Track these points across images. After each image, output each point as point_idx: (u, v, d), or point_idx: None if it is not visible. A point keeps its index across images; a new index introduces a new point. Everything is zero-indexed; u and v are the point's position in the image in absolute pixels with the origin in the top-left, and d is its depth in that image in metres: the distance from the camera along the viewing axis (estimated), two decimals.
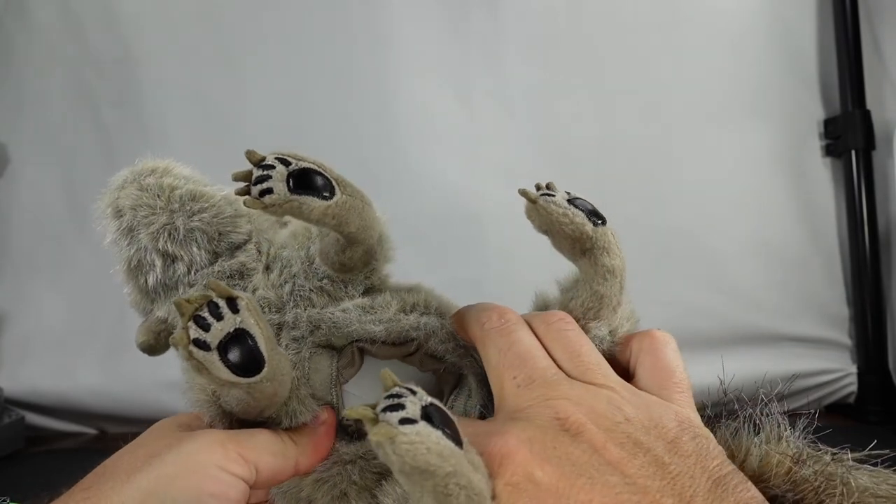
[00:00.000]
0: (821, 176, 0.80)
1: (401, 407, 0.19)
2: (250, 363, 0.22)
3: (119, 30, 0.77)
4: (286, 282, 0.30)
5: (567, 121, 0.79)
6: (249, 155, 0.25)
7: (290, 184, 0.24)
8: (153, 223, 0.30)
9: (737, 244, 0.78)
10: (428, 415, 0.19)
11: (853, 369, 0.78)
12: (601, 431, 0.22)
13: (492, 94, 0.79)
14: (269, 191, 0.24)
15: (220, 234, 0.31)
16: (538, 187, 0.29)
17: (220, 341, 0.22)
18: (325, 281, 0.30)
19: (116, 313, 0.76)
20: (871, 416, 0.76)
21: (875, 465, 0.23)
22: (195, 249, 0.30)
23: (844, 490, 0.21)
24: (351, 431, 0.29)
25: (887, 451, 0.24)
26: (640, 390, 0.25)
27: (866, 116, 0.76)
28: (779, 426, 0.25)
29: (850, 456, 0.24)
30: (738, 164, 0.79)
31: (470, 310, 0.29)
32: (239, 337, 0.22)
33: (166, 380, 0.73)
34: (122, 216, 0.31)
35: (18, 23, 0.78)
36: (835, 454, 0.24)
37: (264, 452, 0.25)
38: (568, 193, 0.29)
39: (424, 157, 0.78)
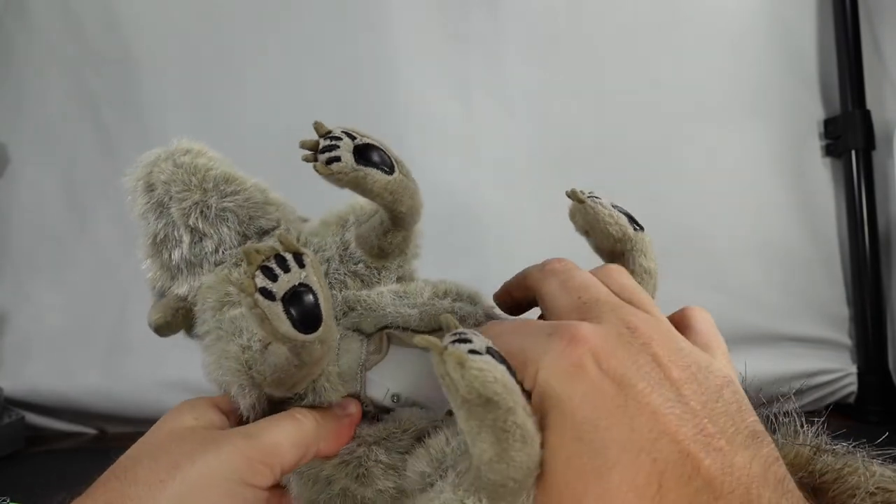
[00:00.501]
0: (821, 176, 0.80)
1: (468, 341, 0.20)
2: (311, 318, 0.22)
3: (119, 30, 0.77)
4: (320, 264, 0.30)
5: (567, 121, 0.79)
6: (317, 126, 0.26)
7: (356, 155, 0.25)
8: (186, 199, 0.30)
9: (737, 244, 0.78)
10: (491, 353, 0.20)
11: (853, 369, 0.78)
12: (666, 350, 0.22)
13: (492, 94, 0.79)
14: (337, 159, 0.25)
15: (250, 217, 0.31)
16: (581, 192, 0.31)
17: (286, 292, 0.22)
18: (360, 265, 0.30)
19: (117, 313, 0.76)
20: (871, 415, 0.76)
21: (882, 464, 0.24)
22: (225, 229, 0.31)
23: (866, 473, 0.22)
24: (371, 416, 0.29)
25: (890, 448, 0.24)
26: None
27: (866, 116, 0.76)
28: (795, 425, 0.26)
29: (866, 450, 0.24)
30: (738, 164, 0.79)
31: (529, 267, 0.30)
32: (303, 292, 0.22)
33: (166, 380, 0.74)
34: (153, 190, 0.31)
35: (19, 23, 0.78)
36: (850, 449, 0.24)
37: (288, 449, 0.25)
38: (610, 201, 0.31)
39: (424, 157, 0.78)
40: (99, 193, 0.76)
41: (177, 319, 0.32)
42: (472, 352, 0.19)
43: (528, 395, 0.22)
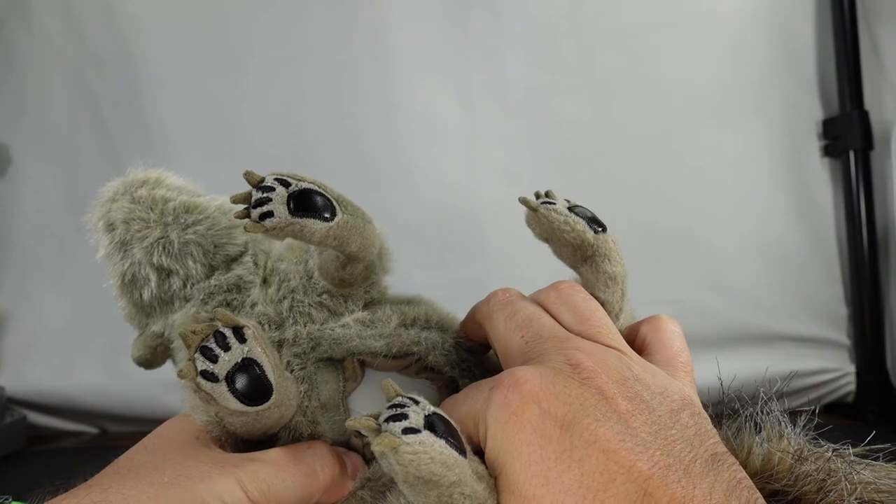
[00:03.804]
0: (819, 176, 0.80)
1: (404, 417, 0.19)
2: (258, 391, 0.22)
3: (120, 30, 0.77)
4: (284, 297, 0.29)
5: (567, 121, 0.79)
6: (248, 176, 0.24)
7: (291, 206, 0.24)
8: (147, 237, 0.29)
9: (735, 244, 0.79)
10: (431, 424, 0.19)
11: (851, 369, 0.78)
12: (612, 382, 0.21)
13: (492, 95, 0.79)
14: (270, 214, 0.23)
15: (215, 246, 0.30)
16: (537, 195, 0.30)
17: (228, 372, 0.22)
18: (324, 296, 0.29)
19: (118, 313, 0.76)
20: (869, 415, 0.76)
21: (875, 460, 0.24)
22: (191, 263, 0.30)
23: (846, 485, 0.21)
24: (355, 449, 0.28)
25: (888, 444, 0.24)
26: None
27: (864, 117, 0.77)
28: (779, 424, 0.25)
29: (850, 451, 0.24)
30: (737, 165, 0.80)
31: (479, 302, 0.29)
32: (247, 366, 0.22)
33: (167, 379, 0.73)
34: (114, 230, 0.30)
35: (20, 24, 0.78)
36: (835, 450, 0.24)
37: (288, 494, 0.24)
38: (568, 201, 0.29)
39: (424, 156, 0.78)
40: (92, 203, 0.76)
41: (157, 356, 0.32)
42: (409, 430, 0.18)
43: (482, 454, 0.22)
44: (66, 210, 0.78)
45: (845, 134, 0.77)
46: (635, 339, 0.28)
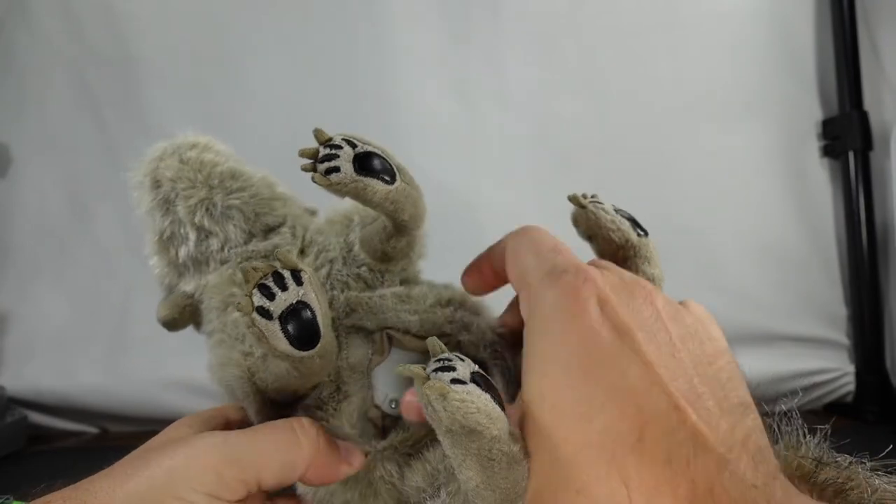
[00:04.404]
0: (819, 176, 0.81)
1: (451, 369, 0.19)
2: (308, 336, 0.22)
3: (120, 30, 0.77)
4: (322, 265, 0.30)
5: (567, 121, 0.79)
6: (317, 133, 0.25)
7: (356, 165, 0.24)
8: (192, 196, 0.30)
9: (735, 244, 0.79)
10: (475, 380, 0.19)
11: (851, 369, 0.78)
12: (667, 306, 0.22)
13: (492, 94, 0.80)
14: (336, 169, 0.24)
15: (256, 214, 0.31)
16: (584, 196, 0.30)
17: (283, 311, 0.22)
18: (363, 268, 0.30)
19: (118, 313, 0.77)
20: (868, 415, 0.76)
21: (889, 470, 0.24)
22: (231, 227, 0.30)
23: (868, 490, 0.22)
24: (378, 426, 0.28)
25: (890, 446, 0.24)
26: None
27: (864, 117, 0.77)
28: (797, 433, 0.26)
29: (868, 464, 0.24)
30: (737, 165, 0.80)
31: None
32: (300, 309, 0.22)
33: (168, 379, 0.74)
34: (160, 187, 0.31)
35: (21, 24, 0.78)
36: (852, 461, 0.24)
37: (271, 467, 0.24)
38: (612, 205, 0.30)
39: (424, 156, 0.78)
40: (101, 193, 0.77)
41: (184, 316, 0.32)
42: (456, 381, 0.19)
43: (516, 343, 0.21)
44: (66, 210, 0.78)
45: (845, 134, 0.77)
46: None
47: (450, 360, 0.20)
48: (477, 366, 0.20)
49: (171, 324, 0.32)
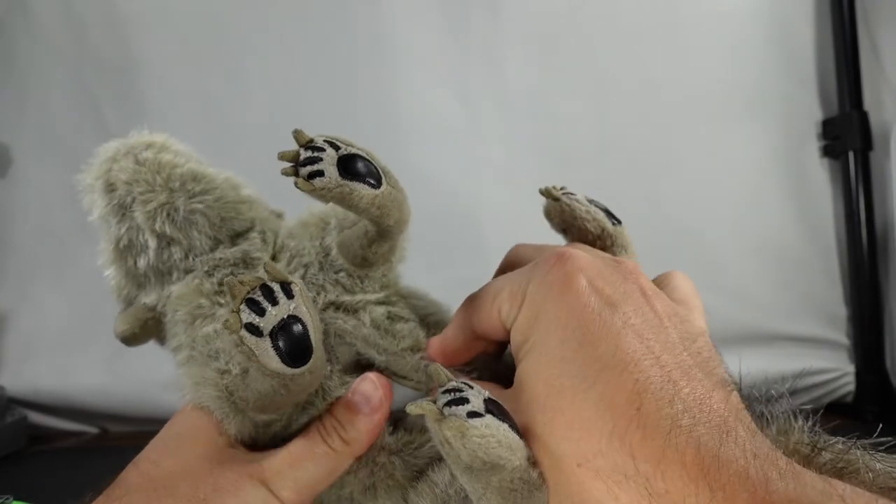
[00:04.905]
0: (819, 177, 0.80)
1: (465, 401, 0.18)
2: (300, 352, 0.21)
3: (121, 30, 0.77)
4: (296, 270, 0.28)
5: (567, 121, 0.79)
6: (298, 135, 0.23)
7: (341, 168, 0.23)
8: (151, 201, 0.28)
9: (735, 244, 0.79)
10: (489, 409, 0.19)
11: (851, 369, 0.78)
12: (649, 285, 0.22)
13: (492, 95, 0.79)
14: (320, 173, 0.23)
15: (222, 219, 0.29)
16: (554, 188, 0.30)
17: (274, 327, 0.20)
18: (341, 274, 0.28)
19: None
20: (868, 415, 0.76)
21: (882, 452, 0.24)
22: (195, 233, 0.28)
23: (869, 475, 0.22)
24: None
25: (889, 438, 0.24)
26: None
27: (864, 117, 0.77)
28: (789, 419, 0.26)
29: (861, 442, 0.24)
30: (737, 165, 0.80)
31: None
32: (291, 324, 0.21)
33: (168, 379, 0.73)
34: (114, 191, 0.29)
35: (21, 24, 0.78)
36: (846, 442, 0.24)
37: (315, 478, 0.24)
38: (585, 196, 0.30)
39: (424, 157, 0.78)
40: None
41: (145, 330, 0.30)
42: (472, 413, 0.18)
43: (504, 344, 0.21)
44: (66, 210, 0.78)
45: (845, 134, 0.77)
46: None
47: (461, 391, 0.19)
48: (485, 391, 0.19)
49: (131, 339, 0.30)
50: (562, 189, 0.30)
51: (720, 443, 0.17)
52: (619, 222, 0.29)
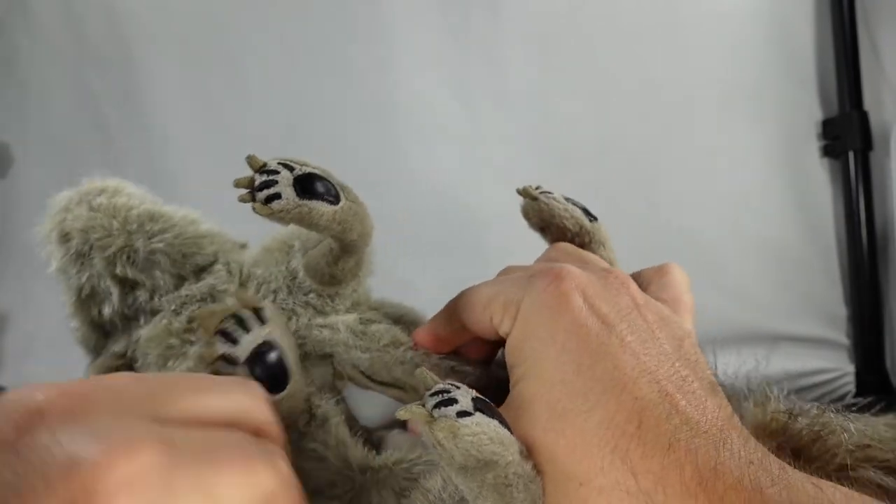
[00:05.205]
0: (819, 176, 0.80)
1: (454, 401, 0.19)
2: (278, 377, 0.21)
3: (122, 30, 0.77)
4: (265, 297, 0.28)
5: (567, 121, 0.79)
6: (251, 160, 0.23)
7: (297, 188, 0.23)
8: (109, 246, 0.28)
9: (734, 244, 0.79)
10: (479, 407, 0.19)
11: (850, 369, 0.78)
12: (640, 295, 0.23)
13: (492, 94, 0.80)
14: (277, 196, 0.23)
15: (183, 255, 0.29)
16: (531, 188, 0.31)
17: (250, 355, 0.21)
18: (311, 295, 0.28)
19: None
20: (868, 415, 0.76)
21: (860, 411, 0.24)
22: (158, 273, 0.28)
23: (844, 435, 0.22)
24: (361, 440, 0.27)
25: (860, 398, 0.25)
26: None
27: (864, 117, 0.77)
28: (764, 390, 0.26)
29: (835, 405, 0.25)
30: (737, 165, 0.80)
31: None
32: (266, 351, 0.21)
33: None
34: (70, 240, 0.29)
35: (21, 24, 0.78)
36: (819, 406, 0.25)
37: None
38: (562, 195, 0.30)
39: (424, 157, 0.78)
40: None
41: None
42: (461, 413, 0.18)
43: (500, 344, 0.22)
44: None
45: (845, 134, 0.77)
46: (640, 281, 0.29)
47: (448, 392, 0.19)
48: (474, 390, 0.20)
49: None
50: (538, 188, 0.31)
51: (717, 453, 0.18)
52: (596, 219, 0.30)
